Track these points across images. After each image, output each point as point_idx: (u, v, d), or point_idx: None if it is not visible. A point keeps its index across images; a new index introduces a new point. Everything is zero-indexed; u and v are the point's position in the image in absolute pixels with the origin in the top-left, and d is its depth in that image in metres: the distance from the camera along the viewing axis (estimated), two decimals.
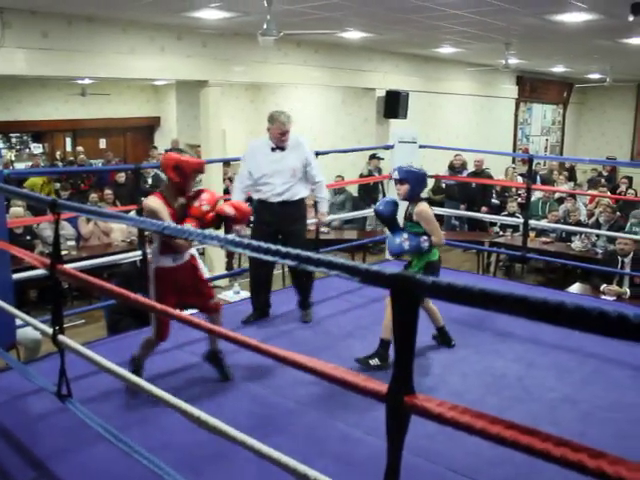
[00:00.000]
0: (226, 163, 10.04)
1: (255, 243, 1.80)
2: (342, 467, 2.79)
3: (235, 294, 5.99)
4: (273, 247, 1.70)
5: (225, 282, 7.84)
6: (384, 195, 9.48)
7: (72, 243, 7.74)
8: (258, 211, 4.71)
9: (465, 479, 2.86)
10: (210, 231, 2.98)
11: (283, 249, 1.64)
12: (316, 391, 3.50)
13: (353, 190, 10.78)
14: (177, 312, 2.52)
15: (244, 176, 4.73)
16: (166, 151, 3.76)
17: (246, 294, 6.03)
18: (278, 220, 4.70)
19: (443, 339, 4.32)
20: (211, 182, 8.82)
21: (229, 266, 9.12)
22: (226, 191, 10.23)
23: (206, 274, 7.02)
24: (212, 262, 8.68)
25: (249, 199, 4.76)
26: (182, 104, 10.51)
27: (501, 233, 9.04)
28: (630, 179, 12.86)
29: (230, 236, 2.21)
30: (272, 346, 1.93)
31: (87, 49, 7.19)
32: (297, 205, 4.78)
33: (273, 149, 4.64)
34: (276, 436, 3.09)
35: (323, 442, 3.15)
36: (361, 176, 10.48)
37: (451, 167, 11.05)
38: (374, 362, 3.91)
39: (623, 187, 11.51)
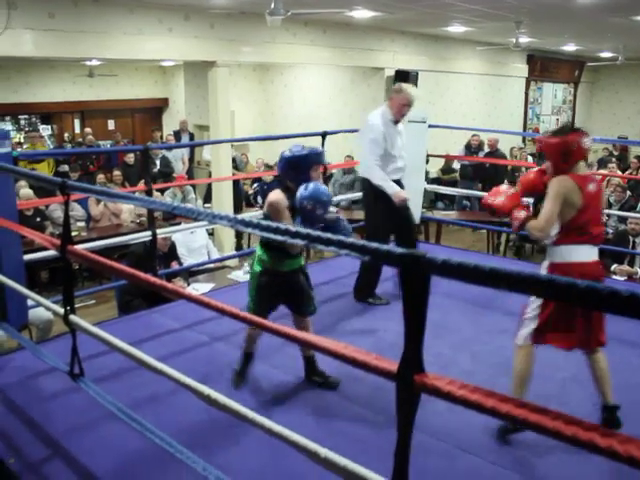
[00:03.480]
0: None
1: (264, 223, 1.80)
2: (352, 445, 2.80)
3: (245, 274, 5.98)
4: (282, 226, 1.70)
5: (235, 262, 7.85)
6: None
7: (82, 224, 7.77)
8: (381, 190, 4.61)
9: (474, 457, 2.88)
10: (218, 210, 2.98)
11: (292, 228, 1.64)
12: (327, 370, 3.52)
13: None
14: (186, 291, 2.53)
15: (379, 154, 4.56)
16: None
17: None
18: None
19: None
20: (220, 163, 8.83)
21: (238, 246, 9.14)
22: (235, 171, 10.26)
23: (215, 254, 7.07)
24: (222, 242, 8.70)
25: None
26: (190, 85, 10.46)
27: None
28: None
29: (240, 216, 2.20)
30: (281, 325, 1.94)
31: (94, 30, 7.15)
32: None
33: (395, 122, 4.63)
34: (286, 415, 3.12)
35: (333, 421, 3.17)
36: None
37: (468, 147, 10.98)
38: None
39: (634, 167, 11.41)
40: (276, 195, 3.27)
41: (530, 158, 11.97)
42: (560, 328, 2.97)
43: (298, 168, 3.27)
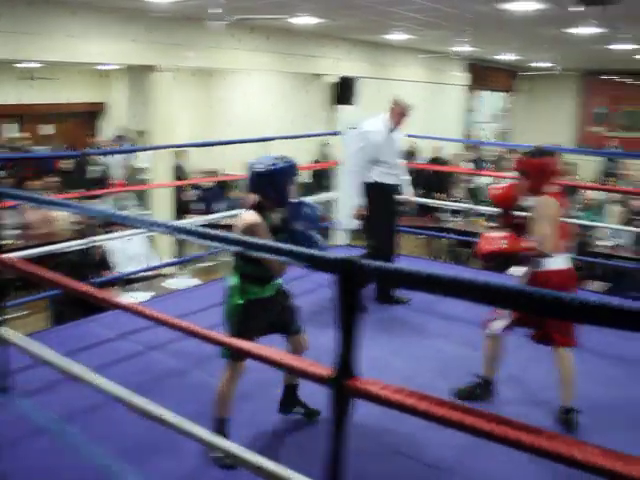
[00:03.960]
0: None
1: (201, 230, 1.78)
2: (287, 450, 2.80)
3: (183, 282, 5.92)
4: (220, 234, 1.68)
5: (172, 270, 7.75)
6: (330, 182, 9.50)
7: (16, 232, 7.54)
8: (377, 193, 4.85)
9: (410, 460, 2.90)
10: (154, 218, 2.93)
11: (229, 236, 1.62)
12: (262, 377, 3.48)
13: (306, 176, 10.75)
14: (120, 300, 2.48)
15: (360, 159, 4.84)
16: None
17: (196, 281, 5.97)
18: (393, 202, 4.98)
19: None
20: (159, 169, 8.70)
21: (179, 253, 9.01)
22: (179, 177, 10.12)
23: (153, 262, 6.96)
24: (160, 250, 8.55)
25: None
26: (132, 90, 10.30)
27: (451, 218, 9.15)
28: (573, 165, 13.13)
29: (178, 223, 2.17)
30: (216, 333, 1.91)
31: (34, 31, 6.96)
32: (399, 187, 5.07)
33: (391, 130, 4.85)
34: None
35: (270, 428, 3.15)
36: (316, 162, 10.51)
37: (408, 153, 11.08)
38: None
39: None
40: (251, 216, 2.86)
41: (471, 165, 12.18)
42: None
43: (274, 183, 2.88)
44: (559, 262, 3.27)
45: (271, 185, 2.87)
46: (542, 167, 3.30)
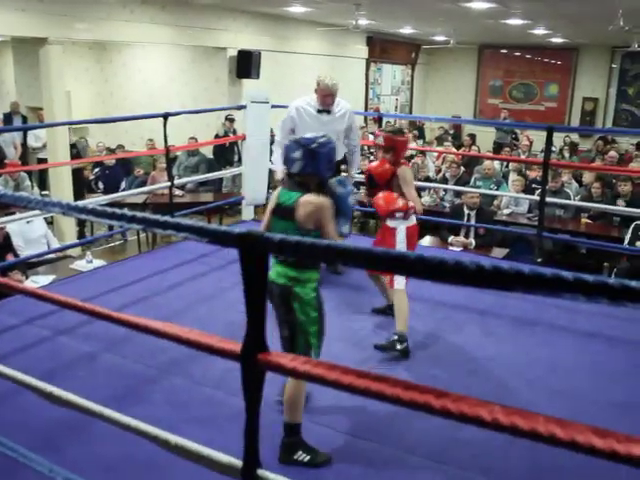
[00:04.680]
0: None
1: (99, 209, 1.73)
2: (207, 430, 2.80)
3: (88, 263, 5.74)
4: (118, 211, 1.64)
5: (77, 251, 7.50)
6: (239, 156, 9.41)
7: None
8: None
9: (326, 429, 2.97)
10: (50, 197, 2.82)
11: (128, 213, 1.59)
12: (177, 356, 3.46)
13: (207, 152, 10.58)
14: (22, 285, 2.39)
15: (285, 134, 4.86)
16: None
17: (99, 262, 5.81)
18: None
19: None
20: (57, 147, 8.35)
21: (81, 234, 8.73)
22: (76, 156, 9.75)
23: (56, 244, 6.71)
24: (62, 231, 8.25)
25: None
26: (20, 64, 9.74)
27: (355, 190, 9.27)
28: (473, 136, 13.60)
29: (78, 202, 2.10)
30: (125, 314, 1.87)
31: None
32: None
33: (320, 111, 4.86)
34: (138, 405, 3.05)
35: (187, 407, 3.14)
36: (216, 137, 10.33)
37: None
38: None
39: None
40: (318, 197, 2.77)
41: (371, 137, 12.38)
42: None
43: (331, 162, 2.91)
44: (414, 218, 3.97)
45: (329, 162, 2.88)
46: (405, 143, 4.11)
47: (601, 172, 8.60)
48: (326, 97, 4.80)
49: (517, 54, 17.31)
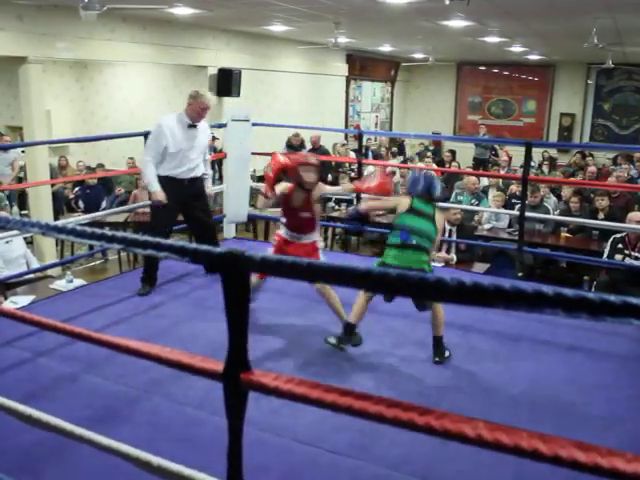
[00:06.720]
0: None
1: (79, 228, 1.72)
2: (188, 450, 2.77)
3: (68, 282, 5.67)
4: (98, 231, 1.63)
5: (57, 271, 7.42)
6: (220, 174, 9.39)
7: None
8: (165, 187, 4.85)
9: (310, 448, 2.95)
10: (30, 218, 2.79)
11: (108, 233, 1.57)
12: (158, 376, 3.43)
13: None
14: (1, 306, 2.35)
15: (157, 152, 4.84)
16: None
17: (80, 282, 5.75)
18: (186, 195, 4.98)
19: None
20: (36, 166, 8.29)
21: (61, 254, 8.65)
22: (57, 175, 9.67)
23: (35, 264, 6.63)
24: (42, 251, 8.18)
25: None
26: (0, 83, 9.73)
27: (336, 207, 9.28)
28: (454, 152, 13.71)
29: (54, 222, 2.08)
30: (106, 334, 1.86)
31: None
32: (201, 181, 5.16)
33: (190, 126, 4.89)
34: (119, 426, 3.01)
35: (168, 427, 3.10)
36: None
37: (289, 145, 11.15)
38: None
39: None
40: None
41: (352, 154, 12.43)
42: None
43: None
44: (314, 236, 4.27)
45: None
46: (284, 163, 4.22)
47: (579, 186, 8.70)
48: (204, 110, 4.89)
49: (495, 71, 17.53)
